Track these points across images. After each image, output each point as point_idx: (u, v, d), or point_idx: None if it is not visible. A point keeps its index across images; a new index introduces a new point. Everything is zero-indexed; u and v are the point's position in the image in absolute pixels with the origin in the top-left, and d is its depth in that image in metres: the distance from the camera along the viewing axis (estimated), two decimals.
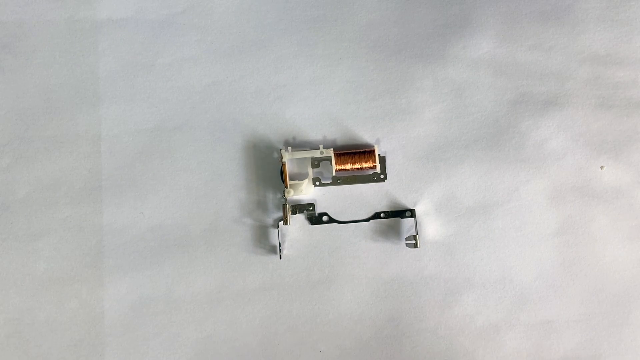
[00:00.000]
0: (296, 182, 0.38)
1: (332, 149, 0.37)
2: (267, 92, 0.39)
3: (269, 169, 0.38)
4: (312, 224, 0.38)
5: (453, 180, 0.38)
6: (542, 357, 0.37)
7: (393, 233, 0.37)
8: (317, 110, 0.38)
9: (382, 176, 0.38)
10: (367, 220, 0.38)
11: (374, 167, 0.37)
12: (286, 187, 0.37)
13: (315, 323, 0.37)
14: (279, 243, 0.37)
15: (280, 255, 0.37)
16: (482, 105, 0.38)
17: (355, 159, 0.37)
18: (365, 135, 0.38)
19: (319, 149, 0.37)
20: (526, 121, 0.38)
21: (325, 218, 0.38)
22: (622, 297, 0.37)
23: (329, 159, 0.37)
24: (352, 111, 0.38)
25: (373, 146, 0.38)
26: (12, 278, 0.37)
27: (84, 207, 0.38)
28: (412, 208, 0.38)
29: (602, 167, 0.38)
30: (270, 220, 0.38)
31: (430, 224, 0.38)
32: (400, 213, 0.37)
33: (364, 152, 0.37)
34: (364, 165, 0.37)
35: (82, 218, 0.38)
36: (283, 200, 0.37)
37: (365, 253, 0.37)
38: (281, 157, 0.37)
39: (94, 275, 0.37)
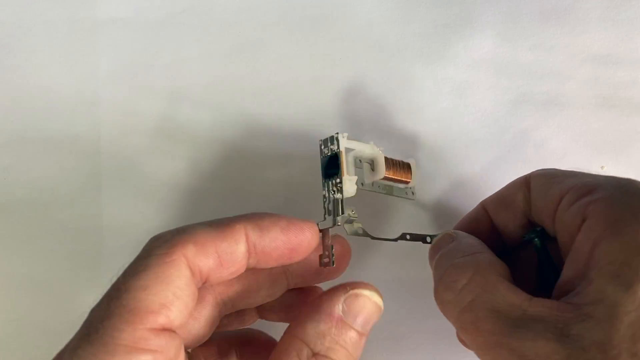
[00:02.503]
0: (347, 176, 0.30)
1: (381, 149, 0.32)
2: (267, 91, 0.38)
3: (269, 170, 0.38)
4: (348, 234, 0.30)
5: (453, 180, 0.38)
6: None
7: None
8: (317, 110, 0.38)
9: (412, 193, 0.35)
10: (395, 240, 0.33)
11: (408, 182, 0.34)
12: (342, 176, 0.29)
13: None
14: (331, 247, 0.29)
15: (333, 262, 0.29)
16: (483, 105, 0.38)
17: (397, 169, 0.33)
18: (365, 135, 0.38)
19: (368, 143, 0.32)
20: (526, 121, 0.38)
21: (360, 230, 0.31)
22: None
23: (375, 160, 0.32)
24: (352, 111, 0.38)
25: (411, 160, 0.35)
26: (11, 279, 0.37)
27: (84, 207, 0.38)
28: (434, 234, 0.33)
29: (602, 167, 0.38)
30: None
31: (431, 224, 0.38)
32: (423, 237, 0.33)
33: (405, 163, 0.34)
34: (403, 177, 0.34)
35: (82, 219, 0.38)
36: (338, 194, 0.30)
37: (366, 254, 0.37)
38: (337, 143, 0.30)
39: (94, 276, 0.37)
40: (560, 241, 0.28)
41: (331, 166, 0.30)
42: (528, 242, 0.30)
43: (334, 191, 0.30)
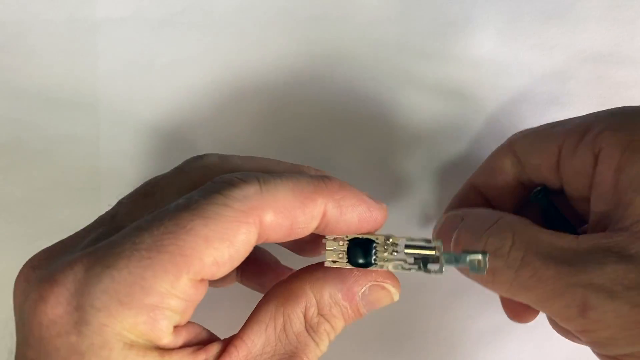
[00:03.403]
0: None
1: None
2: (267, 91, 0.38)
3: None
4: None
5: (454, 180, 0.38)
6: (544, 358, 0.37)
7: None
8: (317, 110, 0.38)
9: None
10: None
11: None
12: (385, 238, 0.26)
13: None
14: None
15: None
16: (483, 105, 0.38)
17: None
18: (366, 135, 0.38)
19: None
20: (528, 121, 0.38)
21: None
22: None
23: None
24: (353, 110, 0.38)
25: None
26: (10, 279, 0.37)
27: (83, 207, 0.38)
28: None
29: None
30: None
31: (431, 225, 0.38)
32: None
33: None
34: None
35: (81, 219, 0.38)
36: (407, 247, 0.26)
37: None
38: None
39: None
40: (572, 188, 0.28)
41: (359, 253, 0.26)
42: (536, 202, 0.30)
43: (396, 250, 0.26)
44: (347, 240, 0.25)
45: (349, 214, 0.25)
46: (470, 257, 0.25)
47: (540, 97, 0.38)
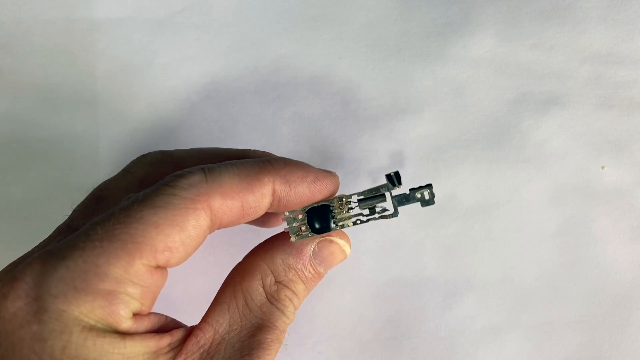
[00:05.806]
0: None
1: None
2: (267, 91, 0.38)
3: None
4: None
5: (453, 180, 0.38)
6: (542, 358, 0.37)
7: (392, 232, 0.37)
8: (316, 110, 0.38)
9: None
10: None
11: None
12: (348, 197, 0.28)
13: (314, 324, 0.37)
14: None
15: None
16: (483, 105, 0.38)
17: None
18: (365, 135, 0.38)
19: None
20: (527, 121, 0.38)
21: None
22: (623, 298, 0.37)
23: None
24: (352, 110, 0.38)
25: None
26: None
27: None
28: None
29: (603, 167, 0.38)
30: None
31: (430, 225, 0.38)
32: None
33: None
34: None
35: None
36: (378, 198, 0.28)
37: (365, 254, 0.37)
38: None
39: None
40: None
41: (318, 220, 0.27)
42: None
43: (351, 207, 0.27)
44: (305, 212, 0.27)
45: (299, 186, 0.26)
46: (418, 193, 0.27)
47: (540, 97, 0.38)
